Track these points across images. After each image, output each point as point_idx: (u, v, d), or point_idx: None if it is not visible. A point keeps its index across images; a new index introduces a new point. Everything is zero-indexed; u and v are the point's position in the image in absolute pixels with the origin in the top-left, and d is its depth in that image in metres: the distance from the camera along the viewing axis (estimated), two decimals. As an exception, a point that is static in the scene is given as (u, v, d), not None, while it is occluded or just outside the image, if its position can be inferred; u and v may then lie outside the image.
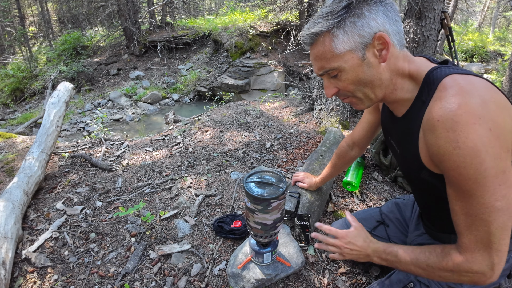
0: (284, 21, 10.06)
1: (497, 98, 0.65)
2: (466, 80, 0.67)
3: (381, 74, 0.74)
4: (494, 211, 0.63)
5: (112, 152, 2.69)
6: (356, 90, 0.77)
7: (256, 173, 1.04)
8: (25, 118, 7.67)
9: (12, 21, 13.89)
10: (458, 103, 0.63)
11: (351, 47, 0.70)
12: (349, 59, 0.72)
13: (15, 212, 1.57)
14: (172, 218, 1.65)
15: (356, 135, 1.24)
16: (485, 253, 0.67)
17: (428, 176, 0.77)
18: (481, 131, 0.61)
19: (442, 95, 0.67)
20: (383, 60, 0.73)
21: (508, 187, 0.63)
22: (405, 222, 1.21)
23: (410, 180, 0.96)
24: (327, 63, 0.74)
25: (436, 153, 0.68)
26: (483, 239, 0.66)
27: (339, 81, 0.76)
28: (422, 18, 2.62)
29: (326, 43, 0.72)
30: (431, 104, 0.69)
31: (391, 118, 0.90)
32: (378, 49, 0.72)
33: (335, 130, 2.35)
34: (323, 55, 0.74)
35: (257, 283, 1.15)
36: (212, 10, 22.52)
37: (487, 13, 19.25)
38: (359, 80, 0.74)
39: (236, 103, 4.12)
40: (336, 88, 0.79)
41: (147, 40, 10.65)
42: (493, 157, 0.61)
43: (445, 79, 0.69)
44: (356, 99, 0.80)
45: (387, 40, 0.70)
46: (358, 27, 0.69)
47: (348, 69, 0.73)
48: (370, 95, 0.78)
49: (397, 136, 0.90)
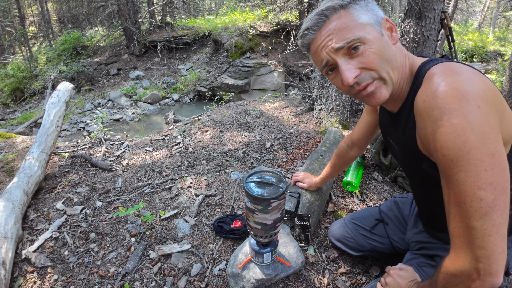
0: (284, 21, 10.07)
1: (486, 80, 0.62)
2: (454, 65, 0.65)
3: (396, 55, 0.72)
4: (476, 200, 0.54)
5: (112, 152, 2.69)
6: (382, 66, 0.69)
7: (256, 173, 1.04)
8: (25, 118, 7.67)
9: (12, 21, 13.89)
10: (444, 82, 0.61)
11: (370, 21, 0.70)
12: (371, 31, 0.69)
13: (15, 212, 1.57)
14: (172, 218, 1.65)
15: (355, 136, 1.25)
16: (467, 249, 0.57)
17: (429, 167, 0.75)
18: (468, 107, 0.55)
19: (429, 78, 0.66)
20: (396, 41, 0.73)
21: (497, 174, 0.53)
22: (403, 220, 1.21)
23: (410, 176, 0.96)
24: (350, 32, 0.67)
25: (424, 135, 0.65)
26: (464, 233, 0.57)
27: (363, 57, 0.68)
28: (422, 18, 2.62)
29: (346, 14, 0.69)
30: (420, 90, 0.68)
31: (388, 117, 0.90)
32: (388, 30, 0.73)
33: (335, 130, 2.35)
34: (344, 25, 0.68)
35: (257, 283, 1.15)
36: (212, 10, 22.51)
37: (487, 13, 19.25)
38: (383, 54, 0.69)
39: (236, 103, 4.12)
40: (358, 70, 0.69)
41: (147, 40, 10.65)
42: (479, 137, 0.53)
43: (433, 66, 0.68)
44: (381, 82, 0.71)
45: (393, 24, 0.73)
46: (370, 8, 0.71)
47: (372, 41, 0.68)
48: (392, 75, 0.72)
49: (394, 133, 0.90)
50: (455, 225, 0.59)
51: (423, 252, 1.00)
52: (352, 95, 0.76)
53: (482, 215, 0.54)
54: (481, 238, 0.54)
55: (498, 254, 0.54)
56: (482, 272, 0.55)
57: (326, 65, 0.73)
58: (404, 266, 0.94)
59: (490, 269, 0.55)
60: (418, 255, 1.01)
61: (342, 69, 0.69)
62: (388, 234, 1.22)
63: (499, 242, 0.54)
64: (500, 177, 0.53)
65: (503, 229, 0.54)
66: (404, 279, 0.88)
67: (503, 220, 0.54)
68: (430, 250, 0.98)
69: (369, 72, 0.70)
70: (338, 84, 0.76)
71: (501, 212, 0.54)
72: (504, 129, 0.61)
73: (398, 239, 1.19)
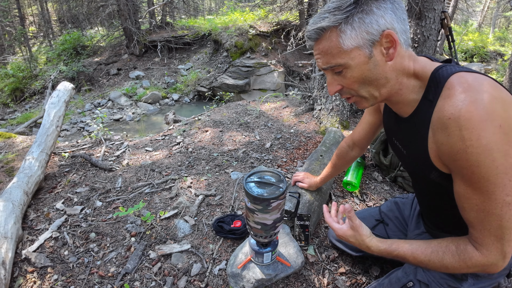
0: (284, 21, 10.06)
1: (503, 94, 0.65)
2: (473, 78, 0.66)
3: (387, 73, 0.73)
4: (505, 205, 0.65)
5: (112, 152, 2.69)
6: (361, 88, 0.75)
7: (256, 173, 1.04)
8: (25, 118, 7.67)
9: (12, 21, 13.89)
10: (468, 100, 0.63)
11: (359, 43, 0.69)
12: (356, 56, 0.70)
13: (15, 212, 1.57)
14: (172, 218, 1.65)
15: (356, 136, 1.24)
16: (499, 244, 0.69)
17: (438, 177, 0.77)
18: (492, 128, 0.61)
19: (451, 93, 0.67)
20: (390, 59, 0.71)
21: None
22: (404, 221, 1.21)
23: (416, 181, 0.95)
24: (333, 58, 0.72)
25: (448, 152, 0.68)
26: (496, 232, 0.68)
27: (344, 79, 0.75)
28: (422, 18, 2.62)
29: (333, 38, 0.70)
30: (440, 103, 0.68)
31: (396, 119, 0.88)
32: (385, 47, 0.70)
33: (335, 130, 2.35)
34: (329, 50, 0.71)
35: (257, 283, 1.15)
36: (212, 10, 22.51)
37: (487, 13, 19.25)
38: (364, 78, 0.73)
39: (236, 103, 4.12)
40: (339, 86, 0.77)
41: (147, 40, 10.64)
42: (503, 154, 0.62)
43: (451, 77, 0.68)
44: (360, 98, 0.78)
45: (395, 39, 0.69)
46: (367, 23, 0.67)
47: (354, 67, 0.71)
48: (375, 93, 0.76)
49: (403, 137, 0.88)
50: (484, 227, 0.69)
51: None
52: None
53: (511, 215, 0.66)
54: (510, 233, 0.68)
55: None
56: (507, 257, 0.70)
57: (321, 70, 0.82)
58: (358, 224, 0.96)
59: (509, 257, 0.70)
60: None
61: (327, 82, 0.80)
62: (388, 234, 1.22)
63: None
64: None
65: None
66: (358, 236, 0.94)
67: None
68: None
69: (349, 89, 0.78)
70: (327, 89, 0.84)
71: None
72: None
73: (399, 240, 1.19)
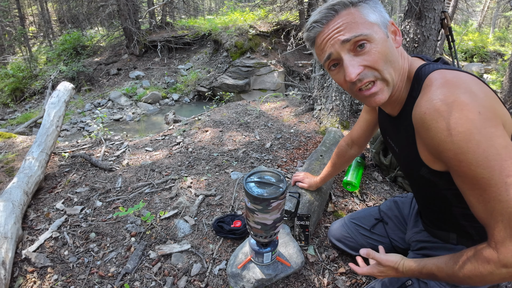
0: (284, 21, 10.06)
1: (485, 89, 0.64)
2: (452, 74, 0.67)
3: (398, 58, 0.75)
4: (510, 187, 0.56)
5: (112, 152, 2.69)
6: (385, 67, 0.70)
7: (256, 173, 1.04)
8: (25, 118, 7.67)
9: (12, 21, 13.89)
10: (444, 93, 0.63)
11: (378, 21, 0.71)
12: (378, 31, 0.70)
13: (15, 212, 1.57)
14: (172, 218, 1.65)
15: (355, 134, 1.25)
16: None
17: (428, 173, 0.77)
18: (470, 115, 0.59)
19: (428, 88, 0.68)
20: (399, 45, 0.74)
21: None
22: (403, 219, 1.21)
23: (410, 179, 0.96)
24: (358, 28, 0.68)
25: (431, 145, 0.67)
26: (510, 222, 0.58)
27: (368, 55, 0.69)
28: (422, 18, 2.62)
29: (355, 12, 0.69)
30: (418, 99, 0.70)
31: (388, 118, 0.91)
32: (393, 33, 0.74)
33: (335, 130, 2.35)
34: (353, 21, 0.68)
35: (257, 283, 1.15)
36: (212, 10, 22.51)
37: (487, 13, 19.25)
38: (387, 56, 0.70)
39: (236, 103, 4.12)
40: (361, 67, 0.69)
41: (147, 40, 10.64)
42: (489, 137, 0.58)
43: (432, 73, 0.70)
44: (383, 84, 0.72)
45: (397, 28, 0.74)
46: (378, 8, 0.72)
47: (378, 41, 0.69)
48: (394, 77, 0.72)
49: (394, 135, 0.90)
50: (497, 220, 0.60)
51: (424, 252, 1.01)
52: (353, 93, 0.75)
53: None
54: None
55: None
56: None
57: (329, 58, 0.73)
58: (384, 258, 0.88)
59: None
60: (420, 254, 1.02)
61: (346, 64, 0.70)
62: (388, 233, 1.22)
63: None
64: None
65: None
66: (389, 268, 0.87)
67: None
68: (430, 250, 0.98)
69: (372, 71, 0.70)
70: (341, 80, 0.75)
71: None
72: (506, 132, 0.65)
73: (398, 239, 1.19)
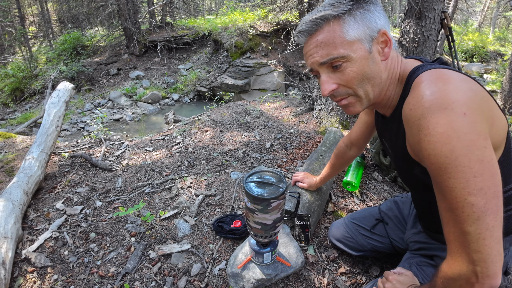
0: (284, 21, 10.06)
1: (474, 87, 0.61)
2: (442, 72, 0.65)
3: (381, 72, 0.72)
4: (467, 206, 0.54)
5: (112, 152, 2.69)
6: (359, 86, 0.71)
7: (256, 173, 1.04)
8: (25, 118, 7.67)
9: (12, 21, 13.89)
10: (430, 91, 0.61)
11: (360, 36, 0.68)
12: (358, 49, 0.68)
13: (15, 212, 1.57)
14: (172, 218, 1.65)
15: (354, 135, 1.25)
16: (464, 253, 0.58)
17: (420, 173, 0.76)
18: (453, 115, 0.55)
19: (417, 86, 0.66)
20: (386, 58, 0.71)
21: (486, 179, 0.54)
22: (403, 220, 1.21)
23: (405, 181, 0.97)
24: (335, 49, 0.68)
25: (412, 143, 0.66)
26: (459, 238, 0.58)
27: (343, 75, 0.70)
28: (422, 18, 2.62)
29: (336, 28, 0.67)
30: (407, 98, 0.68)
31: (382, 120, 0.91)
32: (381, 46, 0.71)
33: (335, 130, 2.35)
34: (331, 41, 0.68)
35: (257, 283, 1.15)
36: (212, 10, 22.51)
37: (487, 13, 19.25)
38: (364, 75, 0.70)
39: (236, 103, 4.12)
40: (335, 84, 0.72)
41: (147, 40, 10.64)
42: (466, 145, 0.54)
43: (422, 73, 0.68)
44: (355, 99, 0.75)
45: (390, 38, 0.70)
46: (368, 19, 0.68)
47: (355, 60, 0.68)
48: (370, 93, 0.74)
49: (388, 136, 0.90)
50: (450, 230, 0.60)
51: (422, 252, 1.01)
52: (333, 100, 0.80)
53: (475, 220, 0.55)
54: (476, 242, 0.55)
55: (494, 257, 0.56)
56: (480, 275, 0.56)
57: (311, 70, 0.77)
58: (404, 271, 0.93)
59: (487, 272, 0.56)
60: (417, 255, 1.02)
61: (322, 81, 0.74)
62: (388, 233, 1.22)
63: (494, 245, 0.55)
64: (491, 182, 0.54)
65: (497, 232, 0.55)
66: (403, 285, 0.86)
67: (496, 223, 0.55)
68: (428, 250, 0.98)
69: (346, 89, 0.73)
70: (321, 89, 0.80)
71: (494, 215, 0.54)
72: (494, 134, 0.61)
73: (398, 239, 1.19)
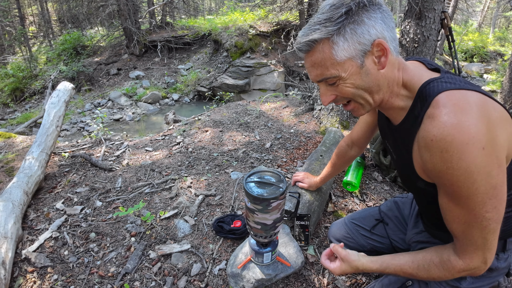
0: (284, 21, 10.06)
1: (492, 113, 0.66)
2: (460, 96, 0.66)
3: (379, 81, 0.74)
4: (485, 220, 0.69)
5: (112, 152, 2.69)
6: (356, 96, 0.76)
7: (256, 173, 1.04)
8: (25, 118, 7.67)
9: (12, 21, 13.89)
10: (451, 123, 0.64)
11: (351, 55, 0.69)
12: (349, 68, 0.71)
13: (15, 212, 1.57)
14: (172, 218, 1.65)
15: (355, 135, 1.25)
16: (480, 252, 0.74)
17: (424, 185, 0.79)
18: (474, 151, 0.63)
19: (436, 113, 0.67)
20: (382, 67, 0.72)
21: (499, 199, 0.68)
22: (404, 220, 1.21)
23: (407, 186, 0.98)
24: (326, 70, 0.72)
25: (432, 169, 0.71)
26: (477, 242, 0.73)
27: (338, 88, 0.76)
28: (422, 18, 2.62)
29: (325, 50, 0.70)
30: (425, 122, 0.69)
31: (387, 124, 0.91)
32: (376, 56, 0.71)
33: (335, 130, 2.35)
34: (322, 62, 0.71)
35: (257, 283, 1.15)
36: (212, 10, 22.51)
37: (487, 13, 19.25)
38: (358, 87, 0.73)
39: (236, 103, 4.12)
40: (333, 96, 0.78)
41: (147, 40, 10.64)
42: (484, 176, 0.65)
43: (439, 95, 0.68)
44: (357, 105, 0.79)
45: (386, 47, 0.70)
46: (359, 34, 0.68)
47: (347, 78, 0.72)
48: (369, 100, 0.77)
49: (393, 143, 0.91)
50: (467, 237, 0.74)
51: None
52: None
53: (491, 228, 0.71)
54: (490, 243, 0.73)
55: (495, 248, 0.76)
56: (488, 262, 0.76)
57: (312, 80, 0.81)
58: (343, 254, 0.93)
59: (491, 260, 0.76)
60: None
61: (320, 93, 0.80)
62: (388, 234, 1.22)
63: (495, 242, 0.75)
64: (501, 201, 0.69)
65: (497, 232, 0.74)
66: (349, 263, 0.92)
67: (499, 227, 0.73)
68: None
69: (344, 98, 0.79)
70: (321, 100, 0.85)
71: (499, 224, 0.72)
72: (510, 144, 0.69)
73: (398, 239, 1.19)
